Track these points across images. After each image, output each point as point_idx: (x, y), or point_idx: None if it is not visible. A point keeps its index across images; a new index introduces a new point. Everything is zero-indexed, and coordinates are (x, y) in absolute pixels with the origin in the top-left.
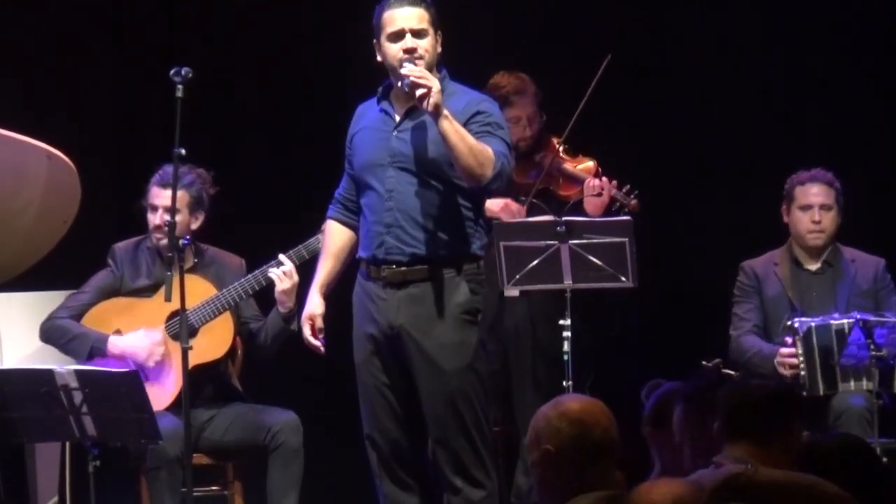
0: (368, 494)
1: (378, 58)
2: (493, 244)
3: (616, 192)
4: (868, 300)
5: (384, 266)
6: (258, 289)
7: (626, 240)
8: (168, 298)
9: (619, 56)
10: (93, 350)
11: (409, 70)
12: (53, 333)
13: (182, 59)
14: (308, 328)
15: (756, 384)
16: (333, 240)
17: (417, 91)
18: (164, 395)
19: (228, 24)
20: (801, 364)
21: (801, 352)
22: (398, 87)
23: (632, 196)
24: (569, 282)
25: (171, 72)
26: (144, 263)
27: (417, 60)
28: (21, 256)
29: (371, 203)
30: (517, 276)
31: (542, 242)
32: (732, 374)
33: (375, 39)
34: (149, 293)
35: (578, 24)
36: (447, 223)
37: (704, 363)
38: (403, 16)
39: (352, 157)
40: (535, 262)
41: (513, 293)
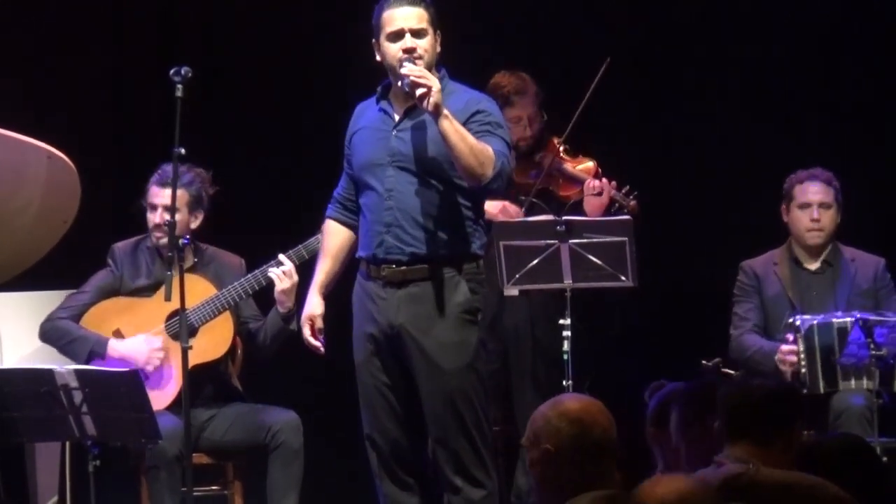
0: (368, 494)
1: (377, 57)
2: (493, 244)
3: (616, 193)
4: (868, 300)
5: (384, 265)
6: (258, 288)
7: (626, 239)
8: (168, 298)
9: (619, 56)
10: (92, 353)
11: (409, 69)
12: (53, 334)
13: (182, 59)
14: (308, 329)
15: (756, 384)
16: (332, 240)
17: (417, 90)
18: (164, 395)
19: (228, 24)
20: (802, 361)
21: (803, 349)
22: (397, 87)
23: (631, 197)
24: (569, 281)
25: (171, 72)
26: (144, 263)
27: (417, 60)
28: (21, 256)
29: (370, 202)
30: (517, 276)
31: (542, 242)
32: (732, 374)
33: (375, 39)
34: (148, 293)
35: (578, 25)
36: (447, 222)
37: (704, 363)
38: (403, 15)
39: (351, 157)
40: (535, 262)
41: (513, 292)
